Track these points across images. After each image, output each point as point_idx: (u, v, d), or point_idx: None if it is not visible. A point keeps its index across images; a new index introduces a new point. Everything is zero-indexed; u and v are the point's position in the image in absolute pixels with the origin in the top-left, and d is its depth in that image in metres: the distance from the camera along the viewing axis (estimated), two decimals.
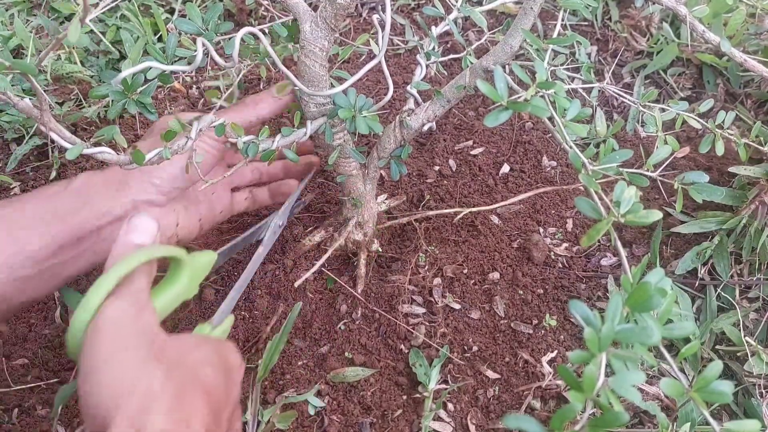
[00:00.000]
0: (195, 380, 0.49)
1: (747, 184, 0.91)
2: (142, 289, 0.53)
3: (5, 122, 1.01)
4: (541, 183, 0.99)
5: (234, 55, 0.57)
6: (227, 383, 0.53)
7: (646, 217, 0.46)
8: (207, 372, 0.51)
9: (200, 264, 0.65)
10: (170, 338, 0.52)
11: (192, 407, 0.47)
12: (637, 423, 0.77)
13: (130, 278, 0.53)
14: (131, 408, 0.45)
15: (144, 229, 0.57)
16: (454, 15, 0.72)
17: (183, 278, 0.61)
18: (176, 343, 0.52)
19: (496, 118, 0.49)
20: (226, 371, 0.54)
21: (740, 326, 0.83)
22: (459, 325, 0.83)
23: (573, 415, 0.37)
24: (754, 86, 1.11)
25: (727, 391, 0.41)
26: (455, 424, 0.76)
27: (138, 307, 0.52)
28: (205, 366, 0.52)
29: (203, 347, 0.54)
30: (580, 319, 0.40)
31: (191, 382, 0.49)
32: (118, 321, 0.50)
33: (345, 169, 0.77)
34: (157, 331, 0.52)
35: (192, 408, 0.47)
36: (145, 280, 0.54)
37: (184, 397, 0.47)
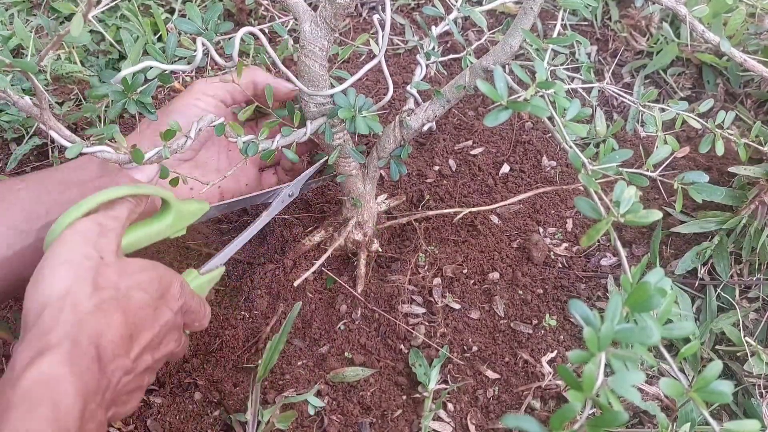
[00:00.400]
0: (121, 300, 0.55)
1: (747, 184, 0.91)
2: (116, 217, 0.59)
3: (5, 122, 1.01)
4: (541, 183, 0.99)
5: (234, 54, 0.57)
6: (157, 307, 0.59)
7: (645, 217, 0.46)
8: (137, 294, 0.56)
9: (189, 209, 0.70)
10: (119, 262, 0.57)
11: (108, 321, 0.53)
12: (636, 423, 0.77)
13: (110, 205, 0.60)
14: (52, 313, 0.51)
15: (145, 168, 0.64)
16: (454, 15, 0.72)
17: (167, 217, 0.67)
18: (121, 266, 0.57)
19: (495, 118, 0.49)
20: (160, 297, 0.60)
21: (740, 326, 0.83)
22: (459, 325, 0.83)
23: (572, 415, 0.37)
24: (754, 86, 1.11)
25: (726, 391, 0.41)
26: (455, 424, 0.76)
27: (102, 230, 0.57)
28: (137, 289, 0.57)
29: (145, 272, 0.59)
30: (580, 319, 0.40)
31: (116, 301, 0.54)
32: (78, 237, 0.56)
33: (345, 169, 0.77)
34: (108, 254, 0.56)
35: (108, 322, 0.52)
36: (124, 210, 0.61)
37: (103, 312, 0.53)
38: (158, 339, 0.59)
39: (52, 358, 0.48)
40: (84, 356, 0.50)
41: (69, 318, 0.51)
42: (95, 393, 0.50)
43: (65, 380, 0.47)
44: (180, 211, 0.68)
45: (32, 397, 0.46)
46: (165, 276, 0.61)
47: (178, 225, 0.69)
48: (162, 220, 0.67)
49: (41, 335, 0.50)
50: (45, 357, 0.48)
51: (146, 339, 0.57)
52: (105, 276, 0.55)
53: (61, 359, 0.48)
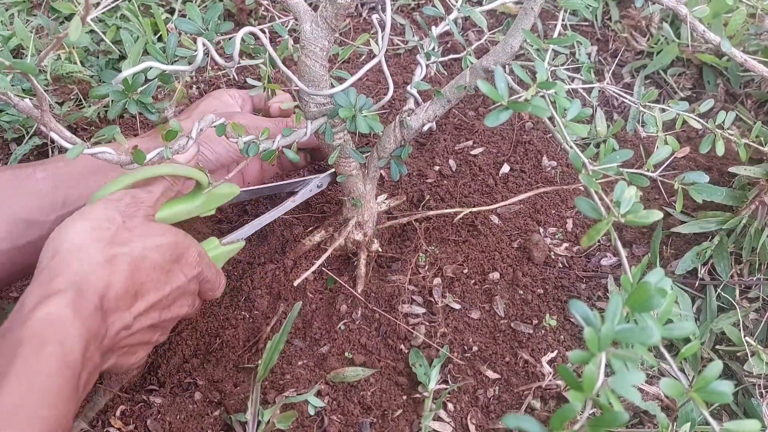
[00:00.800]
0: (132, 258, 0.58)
1: (747, 184, 0.91)
2: (150, 191, 0.64)
3: (5, 122, 1.01)
4: (541, 183, 0.99)
5: (234, 54, 0.57)
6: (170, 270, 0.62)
7: (646, 217, 0.46)
8: (151, 255, 0.60)
9: (220, 191, 0.73)
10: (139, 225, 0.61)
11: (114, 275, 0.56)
12: (637, 423, 0.77)
13: (148, 181, 0.65)
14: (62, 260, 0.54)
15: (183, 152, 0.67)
16: (454, 15, 0.72)
17: (199, 198, 0.72)
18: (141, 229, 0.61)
19: (496, 118, 0.49)
20: (174, 261, 0.63)
21: (740, 326, 0.83)
22: (459, 325, 0.83)
23: (573, 415, 0.37)
24: (754, 86, 1.11)
25: (727, 391, 0.41)
26: (455, 424, 0.76)
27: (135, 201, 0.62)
28: (152, 251, 0.60)
29: (164, 236, 0.62)
30: (580, 319, 0.40)
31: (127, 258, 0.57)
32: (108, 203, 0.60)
33: (345, 169, 0.77)
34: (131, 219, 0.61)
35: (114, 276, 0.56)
36: (160, 187, 0.66)
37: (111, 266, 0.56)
38: (168, 300, 0.62)
39: (58, 300, 0.51)
40: (87, 303, 0.53)
41: (77, 267, 0.54)
42: (95, 336, 0.53)
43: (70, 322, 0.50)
44: (212, 192, 0.71)
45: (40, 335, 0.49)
46: (183, 242, 0.64)
47: (208, 205, 0.73)
48: (194, 200, 0.71)
49: (49, 279, 0.53)
50: (52, 299, 0.51)
51: (153, 298, 0.60)
52: (122, 236, 0.58)
53: (66, 302, 0.51)
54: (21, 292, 0.85)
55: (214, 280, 0.70)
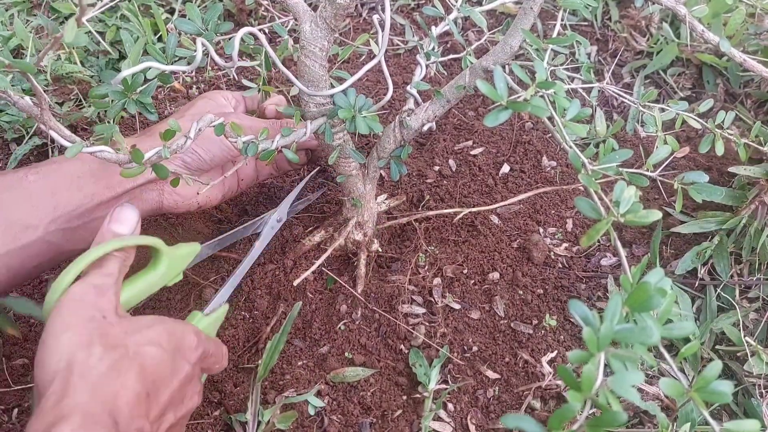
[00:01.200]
0: (133, 359, 0.53)
1: (747, 184, 0.91)
2: (109, 273, 0.58)
3: (5, 122, 1.01)
4: (541, 183, 0.99)
5: (234, 55, 0.57)
6: (174, 362, 0.56)
7: (645, 217, 0.46)
8: (149, 351, 0.54)
9: (180, 254, 0.68)
10: (123, 320, 0.56)
11: (122, 383, 0.51)
12: (637, 423, 0.77)
13: (100, 263, 0.58)
14: (61, 382, 0.49)
15: (124, 219, 0.62)
16: (454, 15, 0.72)
17: (161, 266, 0.65)
18: (127, 324, 0.55)
19: (495, 118, 0.49)
20: (176, 351, 0.57)
21: (740, 326, 0.83)
22: (459, 325, 0.83)
23: (572, 415, 0.37)
24: (753, 86, 1.11)
25: (726, 391, 0.41)
26: (455, 424, 0.76)
27: (99, 290, 0.56)
28: (150, 346, 0.55)
29: (154, 328, 0.57)
30: (580, 319, 0.40)
31: (129, 360, 0.52)
32: (75, 302, 0.54)
33: (345, 169, 0.77)
34: (110, 313, 0.55)
35: (122, 384, 0.50)
36: (115, 266, 0.59)
37: (116, 373, 0.51)
38: (180, 395, 0.57)
39: (63, 430, 0.46)
40: (98, 425, 0.47)
41: (79, 385, 0.49)
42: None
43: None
44: (172, 257, 0.66)
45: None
46: (176, 328, 0.59)
47: (172, 272, 0.67)
48: (156, 270, 0.65)
49: (52, 407, 0.48)
50: (58, 429, 0.46)
51: (166, 396, 0.55)
52: (112, 335, 0.53)
53: (72, 430, 0.46)
54: (21, 292, 0.85)
55: (216, 352, 0.65)
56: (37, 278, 0.87)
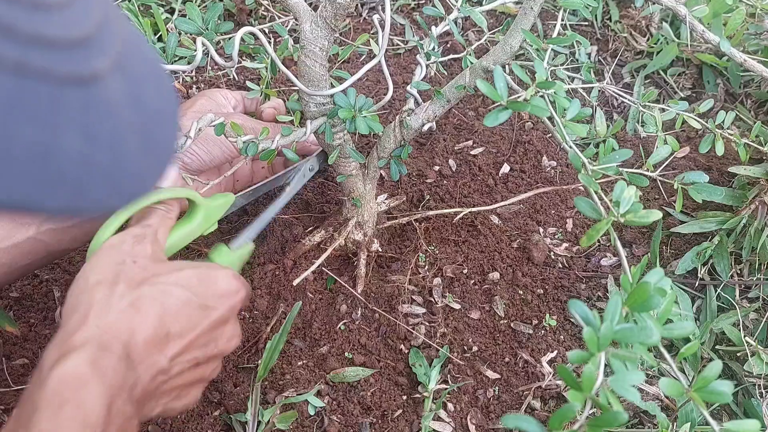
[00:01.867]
0: (155, 298, 0.54)
1: (747, 184, 0.91)
2: (148, 224, 0.60)
3: None
4: (541, 183, 0.99)
5: (234, 54, 0.57)
6: (202, 305, 0.57)
7: (645, 217, 0.46)
8: (175, 292, 0.56)
9: (215, 205, 0.71)
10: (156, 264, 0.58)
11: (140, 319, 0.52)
12: (637, 423, 0.77)
13: (141, 215, 0.61)
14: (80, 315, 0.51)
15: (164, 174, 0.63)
16: (454, 15, 0.72)
17: (197, 217, 0.68)
18: (158, 268, 0.57)
19: (495, 118, 0.49)
20: (203, 293, 0.58)
21: (740, 326, 0.83)
22: (459, 325, 0.83)
23: (572, 415, 0.37)
24: (754, 86, 1.11)
25: (726, 391, 0.41)
26: (455, 424, 0.76)
27: (137, 239, 0.58)
28: (175, 287, 0.56)
29: (184, 271, 0.58)
30: (580, 319, 0.40)
31: (150, 299, 0.54)
32: (111, 248, 0.57)
33: (345, 169, 0.77)
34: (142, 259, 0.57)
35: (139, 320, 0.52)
36: (155, 217, 0.62)
37: (135, 311, 0.53)
38: (208, 336, 0.58)
39: (75, 358, 0.48)
40: (109, 356, 0.50)
41: (96, 320, 0.51)
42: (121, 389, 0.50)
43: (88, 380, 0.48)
44: (208, 207, 0.69)
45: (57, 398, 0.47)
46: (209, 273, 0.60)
47: (208, 222, 0.70)
48: (192, 220, 0.68)
49: (67, 336, 0.50)
50: (69, 357, 0.48)
51: (191, 336, 0.56)
52: (139, 277, 0.55)
53: (84, 359, 0.48)
54: (21, 292, 0.85)
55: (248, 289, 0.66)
56: (36, 278, 0.87)
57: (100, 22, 0.33)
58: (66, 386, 0.47)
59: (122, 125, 0.35)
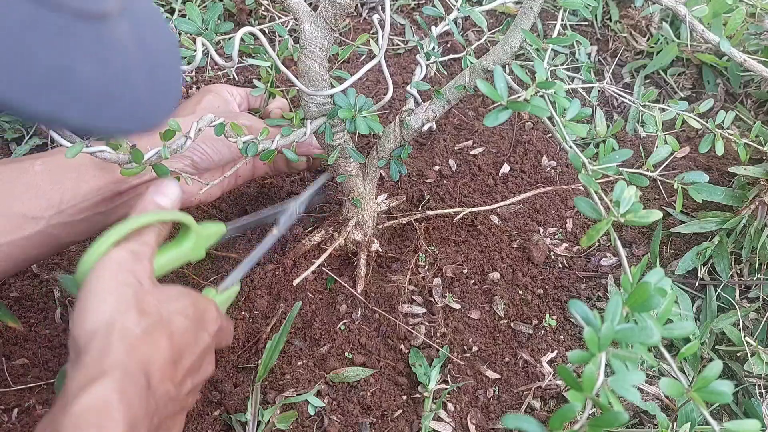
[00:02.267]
0: (165, 326, 0.55)
1: (747, 184, 0.91)
2: (146, 243, 0.60)
3: (5, 122, 1.01)
4: (541, 183, 0.99)
5: (233, 54, 0.57)
6: (197, 332, 0.59)
7: (645, 217, 0.46)
8: (178, 320, 0.57)
9: (207, 232, 0.71)
10: (156, 288, 0.58)
11: (155, 347, 0.53)
12: (637, 423, 0.77)
13: (139, 232, 0.61)
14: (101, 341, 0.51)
15: (168, 193, 0.65)
16: (454, 15, 0.72)
17: (188, 242, 0.68)
18: (159, 293, 0.58)
19: (495, 118, 0.49)
20: (199, 322, 0.60)
21: (740, 326, 0.83)
22: (459, 325, 0.83)
23: (572, 415, 0.37)
24: (754, 86, 1.11)
25: (727, 391, 0.41)
26: (455, 424, 0.76)
27: (136, 257, 0.58)
28: (178, 315, 0.57)
29: (182, 299, 0.60)
30: (580, 319, 0.40)
31: (161, 326, 0.55)
32: (115, 266, 0.57)
33: (345, 169, 0.77)
34: (145, 280, 0.58)
35: (155, 348, 0.53)
36: (152, 236, 0.61)
37: (150, 338, 0.53)
38: (198, 363, 0.60)
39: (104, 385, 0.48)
40: (135, 384, 0.50)
41: (119, 345, 0.51)
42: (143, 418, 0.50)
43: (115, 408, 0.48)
44: (199, 234, 0.68)
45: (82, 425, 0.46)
46: (200, 301, 0.62)
47: (198, 249, 0.69)
48: (184, 244, 0.67)
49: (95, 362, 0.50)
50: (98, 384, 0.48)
51: (188, 363, 0.57)
52: (147, 302, 0.56)
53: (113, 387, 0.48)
54: (21, 292, 0.85)
55: (227, 328, 0.68)
56: (36, 278, 0.87)
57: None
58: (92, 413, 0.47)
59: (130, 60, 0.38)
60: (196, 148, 0.75)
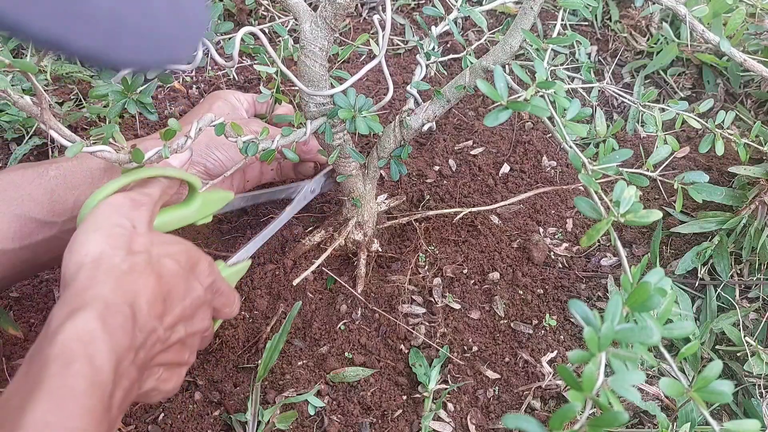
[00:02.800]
0: (153, 266, 0.55)
1: (747, 184, 0.91)
2: (148, 193, 0.61)
3: (5, 122, 1.01)
4: (541, 183, 0.99)
5: (234, 54, 0.57)
6: (188, 279, 0.59)
7: (645, 217, 0.46)
8: (168, 263, 0.57)
9: (214, 198, 0.72)
10: (150, 233, 0.59)
11: (142, 284, 0.53)
12: (637, 423, 0.77)
13: (143, 183, 0.62)
14: (86, 274, 0.52)
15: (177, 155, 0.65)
16: (454, 15, 0.72)
17: (194, 203, 0.69)
18: (152, 236, 0.58)
19: (495, 118, 0.49)
20: (190, 270, 0.60)
21: (740, 326, 0.83)
22: (459, 325, 0.83)
23: (572, 415, 0.37)
24: (754, 86, 1.11)
25: (727, 391, 0.41)
26: (455, 424, 0.76)
27: (135, 203, 0.59)
28: (168, 258, 0.57)
29: (175, 245, 0.60)
30: (580, 319, 0.40)
31: (149, 266, 0.55)
32: (112, 208, 0.57)
33: (345, 169, 0.77)
34: (141, 225, 0.58)
35: (142, 284, 0.53)
36: (156, 189, 0.62)
37: (137, 275, 0.53)
38: (190, 312, 0.59)
39: (85, 315, 0.48)
40: (117, 314, 0.50)
41: (103, 278, 0.52)
42: (128, 350, 0.50)
43: (98, 336, 0.48)
44: (206, 198, 0.69)
45: (67, 353, 0.47)
46: (194, 251, 0.62)
47: (203, 212, 0.70)
48: (189, 206, 0.69)
49: (76, 294, 0.50)
50: (79, 314, 0.48)
51: (179, 309, 0.57)
52: (137, 242, 0.56)
53: (94, 316, 0.49)
54: (21, 292, 0.85)
55: (229, 294, 0.67)
56: (37, 278, 0.87)
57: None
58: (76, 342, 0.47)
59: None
60: (210, 155, 0.75)
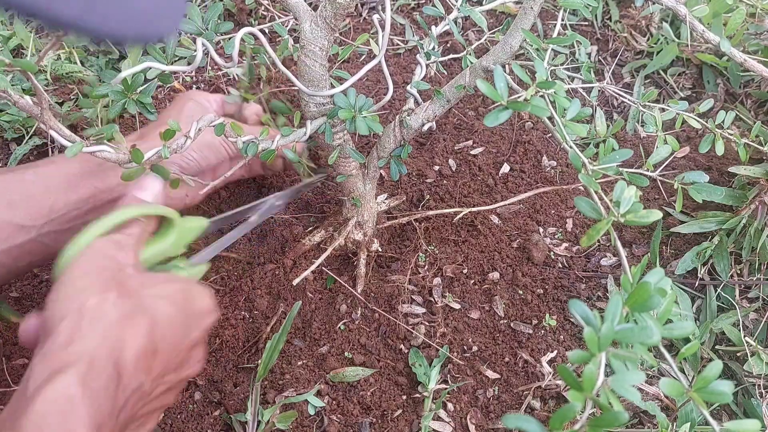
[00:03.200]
0: (145, 311, 0.51)
1: (747, 184, 0.91)
2: (130, 234, 0.59)
3: (5, 122, 1.01)
4: (541, 183, 0.99)
5: (234, 54, 0.57)
6: (185, 323, 0.55)
7: (645, 217, 0.46)
8: (163, 306, 0.53)
9: (189, 227, 0.70)
10: (141, 274, 0.56)
11: (132, 334, 0.49)
12: (636, 423, 0.77)
13: (124, 225, 0.60)
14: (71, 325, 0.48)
15: (149, 187, 0.64)
16: (454, 15, 0.72)
17: (171, 237, 0.67)
18: (143, 278, 0.56)
19: (496, 118, 0.49)
20: (187, 311, 0.56)
21: (740, 326, 0.83)
22: (459, 325, 0.83)
23: (572, 415, 0.37)
24: (754, 86, 1.11)
25: (726, 391, 0.41)
26: (455, 424, 0.76)
27: (119, 245, 0.57)
28: (161, 300, 0.54)
29: (169, 284, 0.57)
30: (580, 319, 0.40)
31: (141, 312, 0.51)
32: (96, 253, 0.55)
33: (345, 169, 0.77)
34: (128, 267, 0.56)
35: (132, 334, 0.49)
36: (136, 228, 0.60)
37: (128, 323, 0.50)
38: (183, 358, 0.56)
39: (66, 379, 0.45)
40: (101, 375, 0.47)
41: (88, 330, 0.48)
42: (110, 416, 0.47)
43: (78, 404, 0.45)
44: (182, 229, 0.68)
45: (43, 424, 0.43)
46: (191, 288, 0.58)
47: (180, 243, 0.69)
48: (166, 239, 0.67)
49: (59, 349, 0.47)
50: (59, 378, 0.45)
51: (170, 357, 0.53)
52: (128, 285, 0.53)
53: (75, 381, 0.45)
54: (21, 292, 0.85)
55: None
56: (36, 278, 0.87)
57: None
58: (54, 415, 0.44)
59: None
60: (183, 154, 0.74)
